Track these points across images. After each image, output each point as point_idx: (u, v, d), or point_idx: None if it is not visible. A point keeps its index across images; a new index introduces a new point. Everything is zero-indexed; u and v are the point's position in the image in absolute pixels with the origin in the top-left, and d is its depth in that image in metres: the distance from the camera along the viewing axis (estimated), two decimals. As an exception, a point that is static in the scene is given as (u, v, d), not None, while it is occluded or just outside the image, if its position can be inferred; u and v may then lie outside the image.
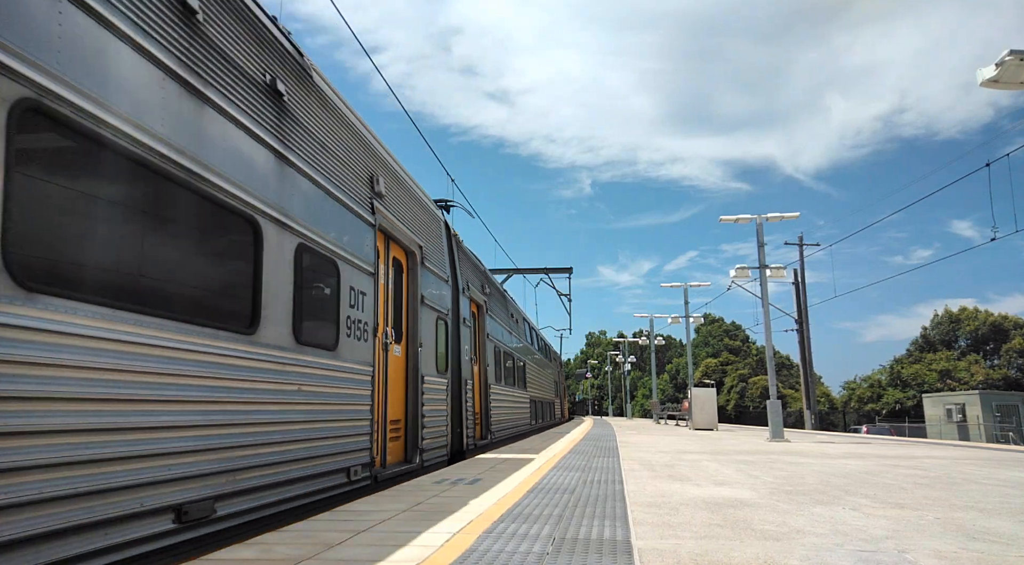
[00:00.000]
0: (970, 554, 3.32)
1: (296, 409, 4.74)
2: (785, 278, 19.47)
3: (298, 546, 3.38)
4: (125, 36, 3.23)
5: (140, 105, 3.31)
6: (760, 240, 17.96)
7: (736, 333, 79.90)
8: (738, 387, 65.30)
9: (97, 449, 2.94)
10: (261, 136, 4.48)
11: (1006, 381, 51.28)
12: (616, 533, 3.76)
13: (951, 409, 35.20)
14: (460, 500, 4.98)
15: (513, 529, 3.86)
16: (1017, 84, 8.53)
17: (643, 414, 67.10)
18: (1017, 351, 55.08)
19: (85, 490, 2.86)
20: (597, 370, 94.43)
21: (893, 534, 3.83)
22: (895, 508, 4.82)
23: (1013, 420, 33.39)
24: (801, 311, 34.13)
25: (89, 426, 2.90)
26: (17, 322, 2.57)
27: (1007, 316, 58.71)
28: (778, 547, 3.45)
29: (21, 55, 2.64)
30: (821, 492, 5.71)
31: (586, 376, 76.98)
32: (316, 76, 5.55)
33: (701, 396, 22.69)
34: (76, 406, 2.84)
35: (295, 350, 4.75)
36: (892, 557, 3.24)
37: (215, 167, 3.93)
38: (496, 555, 3.19)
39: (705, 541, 3.59)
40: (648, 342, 43.37)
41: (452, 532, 3.75)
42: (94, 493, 2.91)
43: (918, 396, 46.30)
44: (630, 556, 3.18)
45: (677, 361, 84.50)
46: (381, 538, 3.59)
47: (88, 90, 2.98)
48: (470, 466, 7.86)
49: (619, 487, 5.88)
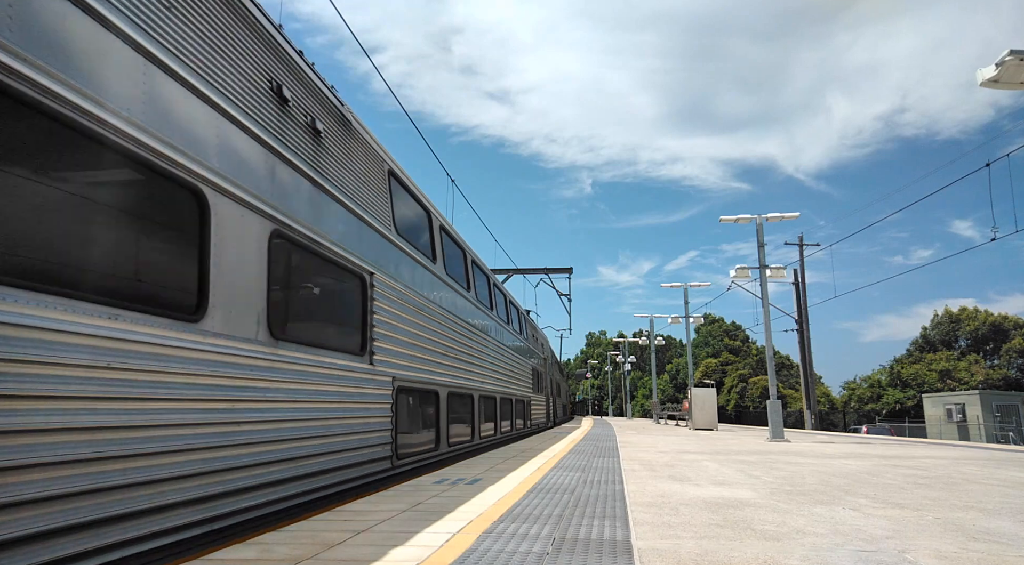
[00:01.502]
0: (970, 554, 3.32)
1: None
2: (785, 278, 19.48)
3: (298, 546, 3.38)
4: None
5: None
6: (760, 240, 17.96)
7: (736, 333, 79.86)
8: (738, 387, 65.27)
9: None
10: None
11: (1006, 381, 51.25)
12: (616, 533, 3.76)
13: (951, 409, 35.17)
14: (460, 500, 4.98)
15: (513, 529, 3.85)
16: (1017, 84, 8.53)
17: (643, 414, 67.08)
18: (1017, 351, 55.05)
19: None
20: (597, 370, 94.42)
21: (893, 534, 3.82)
22: (895, 508, 4.82)
23: (1013, 420, 33.37)
24: (801, 311, 34.13)
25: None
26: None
27: (1007, 316, 58.69)
28: (778, 547, 3.45)
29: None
30: (821, 492, 5.71)
31: (586, 376, 76.98)
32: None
33: (701, 396, 22.69)
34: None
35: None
36: (892, 557, 3.24)
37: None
38: (496, 555, 3.19)
39: (705, 541, 3.59)
40: (648, 342, 43.37)
41: (452, 532, 3.75)
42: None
43: (918, 396, 46.27)
44: (630, 556, 3.18)
45: (677, 361, 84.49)
46: (381, 538, 3.59)
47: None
48: (470, 466, 7.86)
49: (619, 487, 5.88)
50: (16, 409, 2.61)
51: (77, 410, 2.89)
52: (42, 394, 2.72)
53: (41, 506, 2.72)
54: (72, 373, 2.87)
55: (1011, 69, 8.39)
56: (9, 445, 2.58)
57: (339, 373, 5.65)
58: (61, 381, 2.81)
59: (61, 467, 2.79)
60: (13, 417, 2.60)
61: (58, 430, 2.79)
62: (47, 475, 2.73)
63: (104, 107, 3.12)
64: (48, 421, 2.74)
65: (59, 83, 2.88)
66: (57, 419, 2.78)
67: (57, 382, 2.79)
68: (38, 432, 2.70)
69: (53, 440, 2.76)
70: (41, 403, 2.72)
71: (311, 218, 5.23)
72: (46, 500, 2.73)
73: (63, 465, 2.80)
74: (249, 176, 4.31)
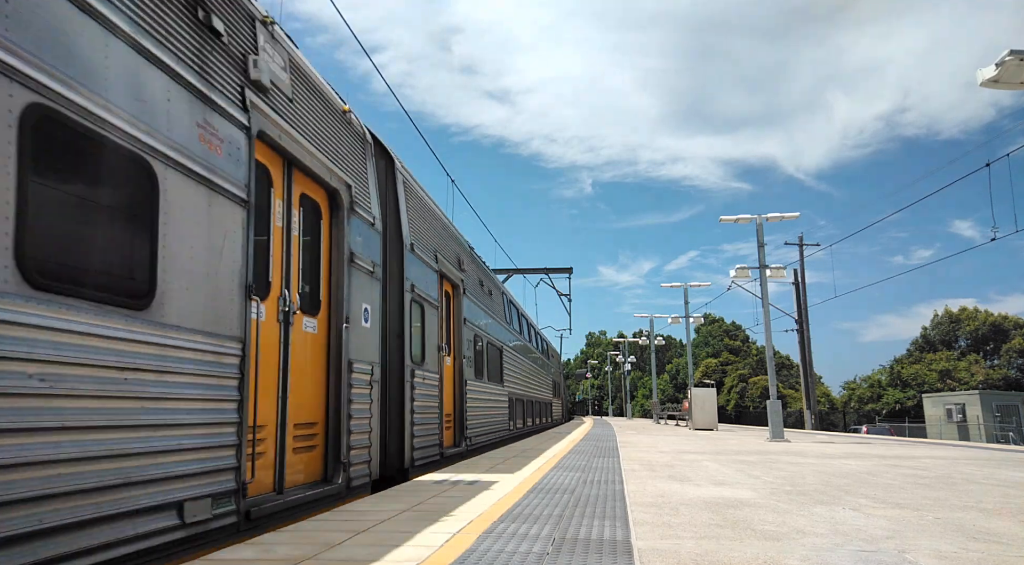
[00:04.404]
0: (970, 554, 3.32)
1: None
2: (785, 278, 19.49)
3: (298, 546, 3.38)
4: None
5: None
6: (760, 240, 17.96)
7: (736, 333, 79.87)
8: (738, 387, 65.28)
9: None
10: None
11: (1006, 381, 51.28)
12: (616, 533, 3.76)
13: (951, 409, 35.18)
14: (460, 500, 4.98)
15: (513, 529, 3.85)
16: (1017, 84, 8.53)
17: (643, 414, 67.09)
18: (1017, 351, 55.07)
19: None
20: (597, 370, 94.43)
21: (893, 534, 3.82)
22: (895, 508, 4.82)
23: (1013, 420, 33.38)
24: (801, 311, 34.13)
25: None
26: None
27: (1007, 316, 58.72)
28: (778, 547, 3.45)
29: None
30: (821, 492, 5.71)
31: (586, 376, 77.00)
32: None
33: (701, 396, 22.70)
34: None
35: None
36: (892, 557, 3.24)
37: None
38: (496, 555, 3.19)
39: (705, 541, 3.59)
40: (648, 342, 43.37)
41: (452, 532, 3.75)
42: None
43: (918, 396, 46.28)
44: (630, 556, 3.18)
45: (677, 361, 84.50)
46: (381, 538, 3.59)
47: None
48: (469, 467, 7.86)
49: (619, 487, 5.88)
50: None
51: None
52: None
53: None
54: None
55: (1011, 69, 8.39)
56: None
57: (496, 391, 13.14)
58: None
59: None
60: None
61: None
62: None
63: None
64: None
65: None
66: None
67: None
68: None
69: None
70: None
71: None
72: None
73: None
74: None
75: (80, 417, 2.87)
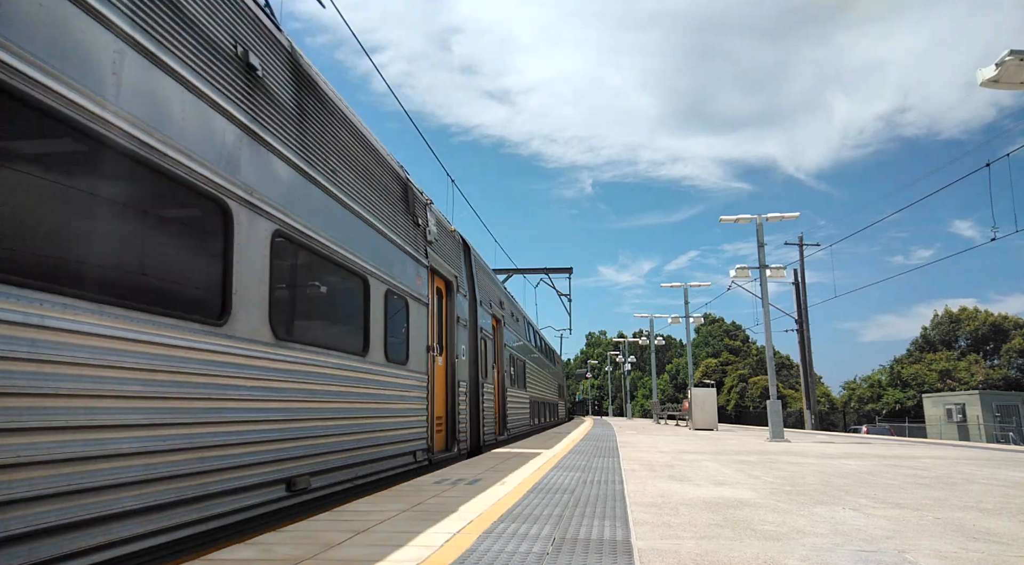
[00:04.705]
0: (970, 554, 3.32)
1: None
2: (785, 278, 19.48)
3: (298, 546, 3.38)
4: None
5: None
6: (760, 240, 17.96)
7: (736, 333, 79.87)
8: (738, 387, 65.28)
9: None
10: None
11: (1006, 381, 51.29)
12: (616, 533, 3.76)
13: (951, 409, 35.19)
14: (460, 500, 4.98)
15: (513, 529, 3.85)
16: (1017, 84, 8.53)
17: (643, 414, 67.09)
18: (1017, 351, 55.07)
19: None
20: (597, 370, 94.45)
21: (893, 534, 3.82)
22: (895, 508, 4.82)
23: (1013, 420, 33.38)
24: (801, 311, 34.13)
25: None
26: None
27: (1007, 316, 58.72)
28: (778, 547, 3.45)
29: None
30: (821, 492, 5.71)
31: (586, 376, 76.99)
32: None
33: (701, 396, 22.69)
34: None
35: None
36: (892, 557, 3.24)
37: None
38: (496, 555, 3.19)
39: (705, 541, 3.59)
40: (648, 342, 43.36)
41: (452, 532, 3.75)
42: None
43: (918, 396, 46.29)
44: (630, 556, 3.18)
45: (677, 361, 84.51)
46: (381, 538, 3.59)
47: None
48: (478, 463, 7.86)
49: (619, 487, 5.88)
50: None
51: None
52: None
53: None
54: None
55: (1011, 69, 8.39)
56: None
57: (522, 395, 16.91)
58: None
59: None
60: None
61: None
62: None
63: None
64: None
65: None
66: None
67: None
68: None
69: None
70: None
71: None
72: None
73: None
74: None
75: (391, 419, 6.82)
